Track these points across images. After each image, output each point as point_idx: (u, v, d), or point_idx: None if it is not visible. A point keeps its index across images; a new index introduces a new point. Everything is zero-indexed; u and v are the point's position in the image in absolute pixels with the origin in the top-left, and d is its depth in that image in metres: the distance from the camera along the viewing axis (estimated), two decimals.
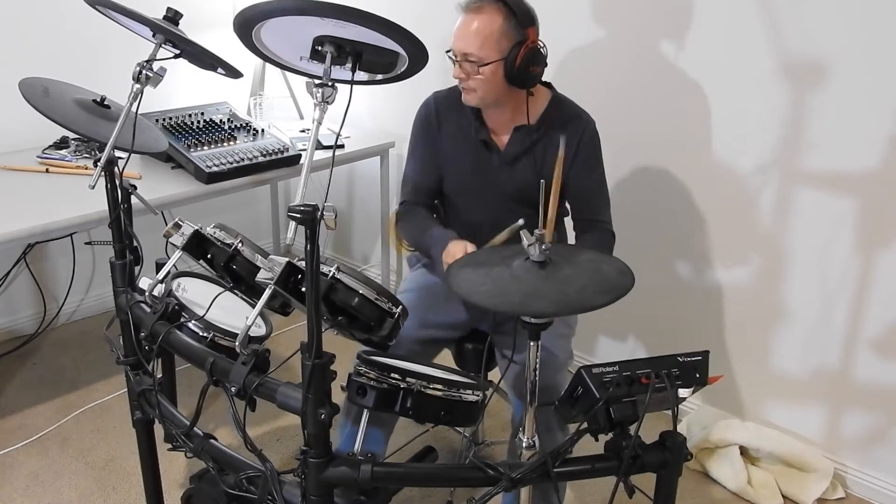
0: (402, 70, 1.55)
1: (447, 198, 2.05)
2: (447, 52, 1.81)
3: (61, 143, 2.74)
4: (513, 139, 1.90)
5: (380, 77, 1.59)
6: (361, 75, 1.55)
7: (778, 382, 2.38)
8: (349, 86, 1.45)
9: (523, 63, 1.76)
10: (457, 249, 1.79)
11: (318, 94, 1.41)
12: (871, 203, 2.08)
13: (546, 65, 1.82)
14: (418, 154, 2.02)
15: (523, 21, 1.76)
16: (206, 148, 2.58)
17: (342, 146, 2.94)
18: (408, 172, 2.05)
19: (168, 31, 1.64)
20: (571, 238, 2.03)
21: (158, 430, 1.76)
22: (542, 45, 1.79)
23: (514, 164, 1.91)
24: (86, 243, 3.05)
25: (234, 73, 1.75)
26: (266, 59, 1.58)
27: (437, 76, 1.93)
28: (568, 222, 2.04)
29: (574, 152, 1.88)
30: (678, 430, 1.30)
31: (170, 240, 1.64)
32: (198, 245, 1.63)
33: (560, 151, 1.72)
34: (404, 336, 1.76)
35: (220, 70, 1.76)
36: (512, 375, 1.84)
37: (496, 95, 1.83)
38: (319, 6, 1.34)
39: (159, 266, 1.73)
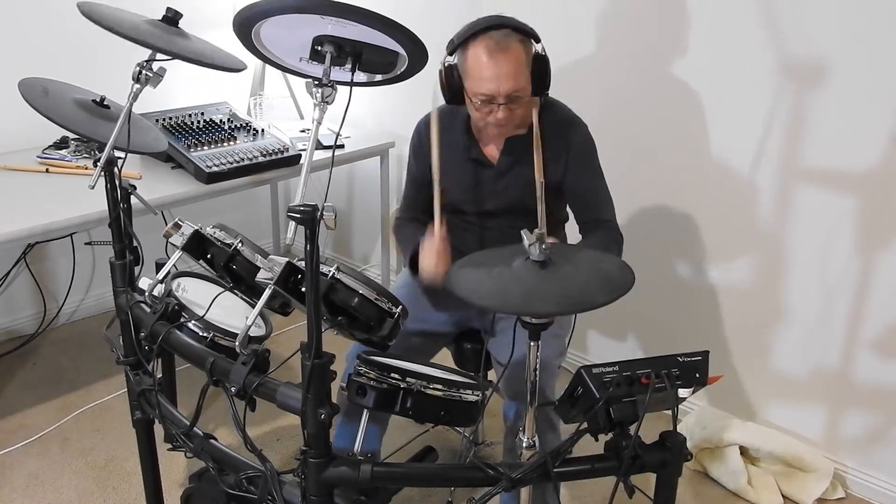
0: (402, 70, 1.55)
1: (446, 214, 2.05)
2: (482, 99, 1.74)
3: (61, 143, 2.74)
4: (505, 150, 1.91)
5: (379, 78, 1.59)
6: (361, 76, 1.54)
7: (778, 382, 2.38)
8: (349, 86, 1.45)
9: (547, 75, 1.77)
10: (428, 253, 1.79)
11: (318, 94, 1.41)
12: (871, 203, 2.08)
13: None
14: (411, 175, 2.05)
15: (535, 38, 1.76)
16: (206, 148, 2.58)
17: (342, 146, 2.94)
18: (405, 190, 2.10)
19: (160, 48, 1.61)
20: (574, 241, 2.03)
21: (158, 430, 1.77)
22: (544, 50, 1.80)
23: (508, 174, 1.91)
24: (86, 243, 3.04)
25: (233, 70, 1.75)
26: (266, 60, 1.58)
27: (436, 77, 1.92)
28: (570, 227, 2.04)
29: (566, 157, 1.88)
30: (678, 430, 1.30)
31: (170, 240, 1.64)
32: (198, 245, 1.63)
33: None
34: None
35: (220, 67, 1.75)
36: (504, 375, 1.84)
37: (526, 116, 1.83)
38: (318, 4, 1.33)
39: (159, 266, 1.73)
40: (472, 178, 1.94)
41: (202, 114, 2.78)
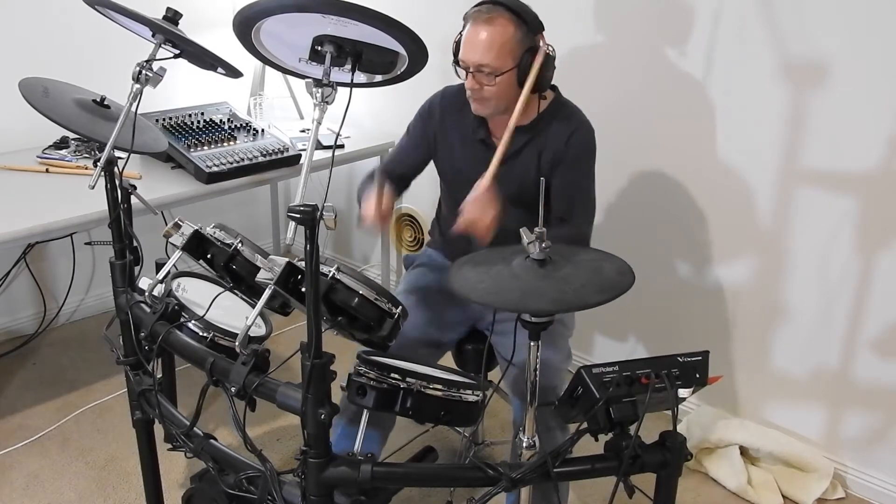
0: (402, 70, 1.55)
1: (445, 192, 2.06)
2: (455, 63, 1.81)
3: (61, 143, 2.74)
4: (511, 139, 1.90)
5: (379, 78, 1.59)
6: (361, 76, 1.54)
7: (778, 382, 2.38)
8: (349, 87, 1.45)
9: (544, 70, 1.78)
10: (368, 208, 1.80)
11: (318, 95, 1.41)
12: (871, 203, 2.08)
13: (555, 67, 1.82)
14: (407, 140, 2.06)
15: (533, 27, 1.76)
16: (206, 148, 2.58)
17: (342, 146, 2.94)
18: (393, 151, 2.11)
19: (167, 30, 1.64)
20: None
21: (158, 430, 1.77)
22: (551, 49, 1.79)
23: (511, 163, 1.91)
24: (86, 243, 3.04)
25: (234, 72, 1.75)
26: (265, 61, 1.58)
27: (436, 77, 1.92)
28: None
29: (563, 150, 1.88)
30: (678, 430, 1.30)
31: (170, 240, 1.64)
32: (198, 245, 1.63)
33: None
34: (404, 338, 1.77)
35: (220, 70, 1.76)
36: (511, 376, 1.84)
37: (508, 102, 1.82)
38: (320, 3, 1.33)
39: (159, 266, 1.73)
40: (476, 159, 1.93)
41: (202, 114, 2.78)
